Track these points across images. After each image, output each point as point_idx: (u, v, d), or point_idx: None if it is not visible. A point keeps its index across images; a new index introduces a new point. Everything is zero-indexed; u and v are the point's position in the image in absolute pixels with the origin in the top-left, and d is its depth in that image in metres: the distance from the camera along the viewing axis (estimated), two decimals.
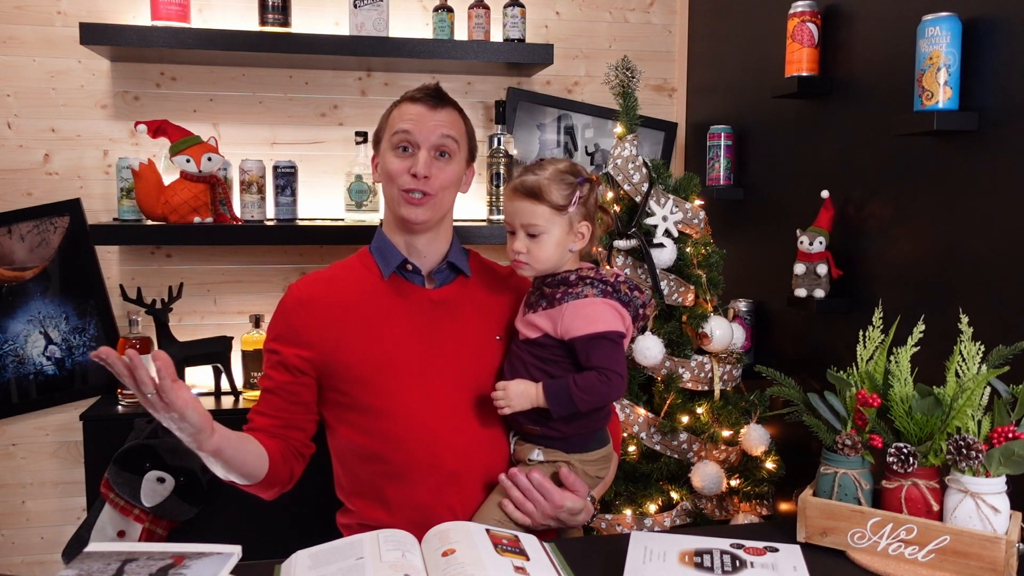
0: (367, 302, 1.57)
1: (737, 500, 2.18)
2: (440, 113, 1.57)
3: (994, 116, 1.68)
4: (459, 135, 1.59)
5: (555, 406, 1.45)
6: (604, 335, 1.45)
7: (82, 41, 2.34)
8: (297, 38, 2.47)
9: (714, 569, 1.23)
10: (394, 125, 1.57)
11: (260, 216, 2.57)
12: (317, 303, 1.57)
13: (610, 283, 1.49)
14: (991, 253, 1.70)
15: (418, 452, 1.51)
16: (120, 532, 2.35)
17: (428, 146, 1.55)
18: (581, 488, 1.50)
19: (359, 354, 1.54)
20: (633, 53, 2.77)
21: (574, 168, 1.52)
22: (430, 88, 1.60)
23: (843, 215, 2.11)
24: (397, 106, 1.60)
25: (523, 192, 1.48)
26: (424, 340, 1.56)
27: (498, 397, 1.47)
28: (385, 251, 1.61)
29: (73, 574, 1.11)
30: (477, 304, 1.62)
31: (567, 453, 1.51)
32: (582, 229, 1.51)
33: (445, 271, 1.63)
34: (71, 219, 2.58)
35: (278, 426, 1.57)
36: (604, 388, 1.44)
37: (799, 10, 2.14)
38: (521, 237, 1.49)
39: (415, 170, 1.53)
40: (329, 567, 1.19)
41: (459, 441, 1.52)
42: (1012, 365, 1.38)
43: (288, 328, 1.57)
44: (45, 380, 2.61)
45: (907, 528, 1.30)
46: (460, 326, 1.59)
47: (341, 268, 1.64)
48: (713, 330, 2.13)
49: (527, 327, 1.52)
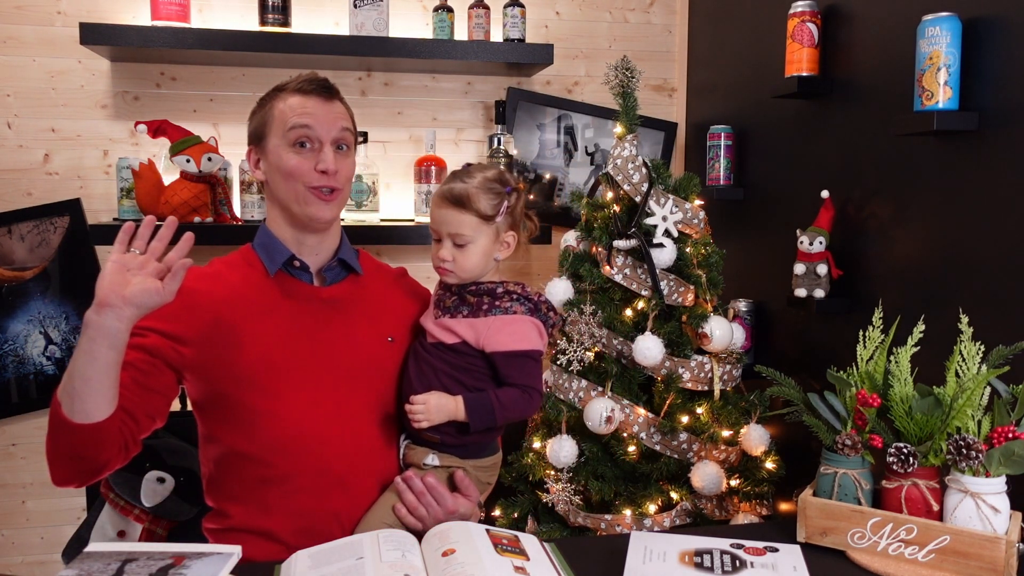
0: (252, 299, 1.49)
1: (737, 500, 2.17)
2: (335, 104, 1.53)
3: (994, 116, 1.68)
4: (352, 128, 1.55)
5: (475, 420, 1.45)
6: (529, 353, 1.46)
7: (82, 41, 2.35)
8: (297, 38, 2.47)
9: (714, 569, 1.23)
10: (287, 119, 1.48)
11: (260, 216, 2.57)
12: (199, 297, 1.47)
13: (534, 301, 1.50)
14: (991, 253, 1.70)
15: (304, 456, 1.45)
16: (120, 532, 2.34)
17: (330, 140, 1.49)
18: (474, 493, 1.50)
19: (244, 353, 1.45)
20: (633, 53, 2.77)
21: (502, 177, 1.50)
22: (318, 79, 1.53)
23: (843, 215, 2.11)
24: (281, 98, 1.51)
25: (450, 200, 1.47)
26: (313, 340, 1.50)
27: (416, 411, 1.43)
28: (270, 247, 1.53)
29: (73, 574, 1.11)
30: (368, 304, 1.57)
31: (462, 459, 1.50)
32: (508, 239, 1.51)
33: (336, 268, 1.57)
34: (71, 219, 2.58)
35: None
36: (524, 404, 1.46)
37: (799, 10, 2.14)
38: (447, 246, 1.48)
39: (323, 166, 1.47)
40: (329, 567, 1.19)
41: (347, 445, 1.47)
42: (1012, 365, 1.38)
43: (164, 319, 1.42)
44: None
45: (907, 528, 1.30)
46: (351, 326, 1.53)
47: (223, 264, 1.56)
48: (713, 330, 2.13)
49: (442, 331, 1.50)
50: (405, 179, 2.79)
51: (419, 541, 1.29)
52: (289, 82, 1.54)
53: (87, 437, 1.30)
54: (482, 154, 2.81)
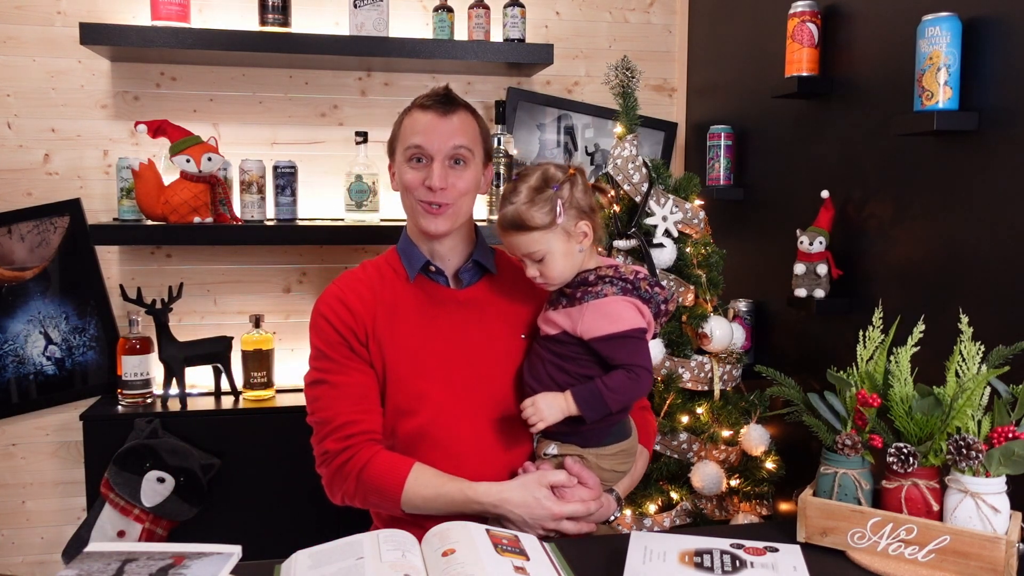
0: (398, 302, 1.58)
1: (737, 500, 2.18)
2: (452, 120, 1.55)
3: (994, 116, 1.68)
4: (472, 142, 1.57)
5: (588, 411, 1.45)
6: (627, 334, 1.45)
7: (82, 41, 2.35)
8: (297, 38, 2.47)
9: (714, 569, 1.23)
10: (406, 136, 1.56)
11: (260, 216, 2.57)
12: (358, 306, 1.57)
13: (630, 280, 1.48)
14: (991, 253, 1.70)
15: (439, 451, 1.52)
16: (120, 532, 2.35)
17: (441, 157, 1.54)
18: (589, 479, 1.49)
19: (389, 356, 1.55)
20: (633, 53, 2.77)
21: (546, 177, 1.48)
22: (440, 94, 1.58)
23: (843, 215, 2.11)
24: (408, 114, 1.59)
25: (508, 226, 1.48)
26: (450, 341, 1.57)
27: (528, 415, 1.46)
28: (409, 254, 1.61)
29: (73, 574, 1.11)
30: (503, 303, 1.62)
31: (583, 447, 1.51)
32: (583, 228, 1.49)
33: (472, 270, 1.63)
34: (71, 219, 2.58)
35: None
36: (634, 385, 1.45)
37: (799, 10, 2.14)
38: (530, 264, 1.50)
39: (430, 182, 1.53)
40: (329, 567, 1.19)
41: (482, 440, 1.53)
42: (1012, 365, 1.38)
43: (348, 329, 1.56)
44: (45, 380, 2.61)
45: (907, 528, 1.30)
46: (486, 326, 1.59)
47: (373, 268, 1.64)
48: (713, 330, 2.13)
49: (547, 324, 1.53)
50: None
51: (419, 541, 1.29)
52: (419, 96, 1.60)
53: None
54: None
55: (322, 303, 1.58)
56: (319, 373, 1.56)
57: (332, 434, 1.52)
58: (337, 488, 1.54)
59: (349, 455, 1.51)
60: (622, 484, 1.59)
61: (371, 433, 1.53)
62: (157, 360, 2.54)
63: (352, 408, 1.53)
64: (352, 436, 1.51)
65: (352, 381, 1.54)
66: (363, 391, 1.54)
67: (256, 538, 1.59)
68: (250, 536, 1.55)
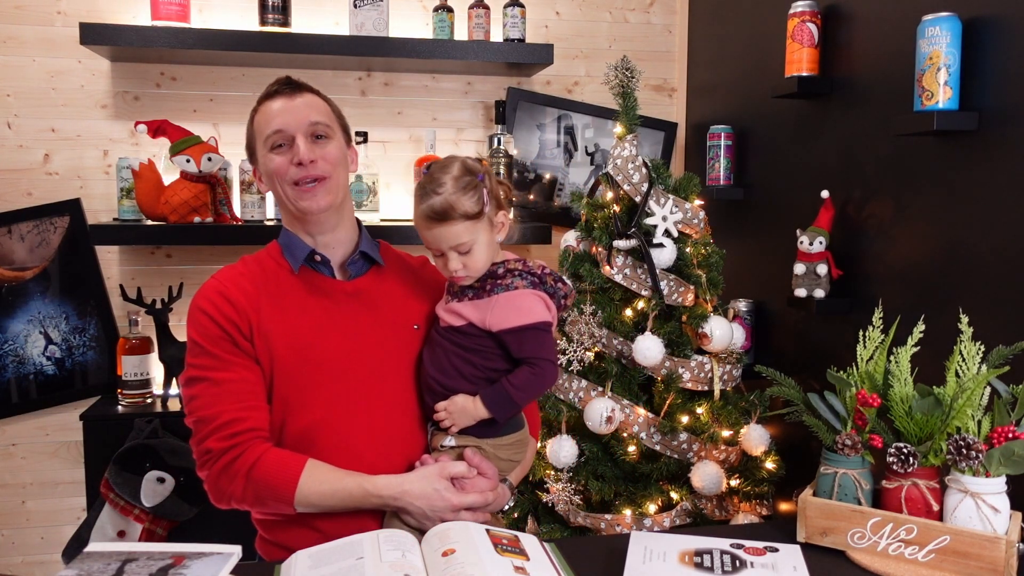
0: (283, 294, 1.53)
1: (737, 500, 2.17)
2: (301, 98, 1.54)
3: (994, 116, 1.68)
4: (327, 118, 1.55)
5: (498, 412, 1.47)
6: (535, 326, 1.46)
7: (82, 41, 2.35)
8: (297, 38, 2.47)
9: (714, 569, 1.23)
10: (262, 128, 1.53)
11: (260, 216, 2.57)
12: (240, 299, 1.51)
13: (537, 275, 1.49)
14: (991, 253, 1.70)
15: (333, 445, 1.48)
16: (120, 532, 2.35)
17: (302, 133, 1.51)
18: (489, 469, 1.49)
19: (277, 350, 1.49)
20: (633, 53, 2.77)
21: (467, 167, 1.47)
22: (282, 79, 1.57)
23: (843, 215, 2.11)
24: (257, 110, 1.56)
25: (435, 217, 1.44)
26: (340, 333, 1.52)
27: (442, 419, 1.48)
28: (291, 246, 1.56)
29: (73, 574, 1.11)
30: (393, 294, 1.60)
31: (479, 439, 1.51)
32: (501, 219, 1.50)
33: (359, 262, 1.59)
34: (71, 219, 2.58)
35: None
36: (539, 380, 1.47)
37: (799, 10, 2.14)
38: (453, 257, 1.46)
39: (298, 158, 1.49)
40: (329, 567, 1.19)
41: (376, 433, 1.50)
42: (1012, 365, 1.38)
43: (231, 323, 1.49)
44: (45, 380, 2.61)
45: (907, 528, 1.30)
46: (376, 318, 1.56)
47: (254, 262, 1.58)
48: (713, 330, 2.13)
49: (450, 315, 1.51)
50: (405, 179, 2.79)
51: (419, 541, 1.30)
52: (263, 91, 1.58)
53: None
54: (482, 154, 2.81)
55: (201, 297, 1.51)
56: (198, 371, 1.47)
57: (215, 433, 1.43)
58: (224, 490, 1.45)
59: (236, 454, 1.43)
60: (514, 473, 1.59)
61: (258, 431, 1.45)
62: (157, 360, 2.55)
63: (236, 406, 1.45)
64: (238, 434, 1.43)
65: (235, 377, 1.46)
66: (247, 387, 1.46)
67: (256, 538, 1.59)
68: (250, 536, 1.55)
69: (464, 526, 1.31)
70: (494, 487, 1.50)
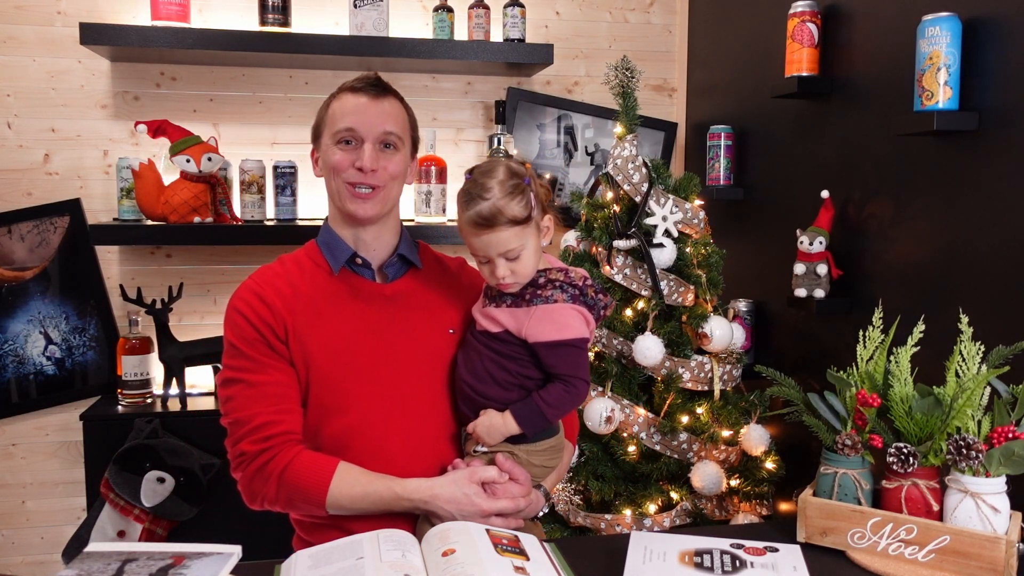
0: (320, 297, 1.52)
1: (737, 500, 2.17)
2: (383, 103, 1.54)
3: (994, 116, 1.68)
4: (402, 129, 1.55)
5: (529, 427, 1.44)
6: (571, 342, 1.43)
7: (82, 41, 2.35)
8: (297, 38, 2.47)
9: (714, 569, 1.23)
10: (336, 119, 1.52)
11: (260, 216, 2.57)
12: (276, 302, 1.50)
13: (578, 287, 1.46)
14: (991, 253, 1.70)
15: (369, 449, 1.47)
16: (120, 532, 2.35)
17: (372, 139, 1.51)
18: (521, 475, 1.47)
19: (313, 353, 1.49)
20: (633, 53, 2.77)
21: (512, 170, 1.44)
22: (371, 78, 1.56)
23: (843, 215, 2.11)
24: (336, 98, 1.55)
25: (483, 224, 1.41)
26: (376, 336, 1.52)
27: (477, 437, 1.47)
28: (333, 245, 1.56)
29: (73, 574, 1.11)
30: (430, 298, 1.59)
31: (514, 444, 1.49)
32: (547, 223, 1.48)
33: (396, 264, 1.58)
34: (71, 219, 2.58)
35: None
36: (571, 398, 1.44)
37: (799, 10, 2.14)
38: (501, 264, 1.43)
39: (360, 163, 1.49)
40: (329, 567, 1.19)
41: (410, 436, 1.49)
42: (1012, 365, 1.38)
43: (260, 324, 1.49)
44: (45, 380, 2.61)
45: (907, 528, 1.30)
46: (413, 321, 1.55)
47: (292, 262, 1.58)
48: (713, 330, 2.13)
49: (487, 320, 1.49)
50: None
51: (419, 541, 1.30)
52: (348, 81, 1.57)
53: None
54: (482, 154, 2.81)
55: (237, 299, 1.51)
56: (234, 372, 1.48)
57: (249, 435, 1.44)
58: (257, 492, 1.46)
59: (269, 456, 1.43)
60: (549, 479, 1.57)
61: (292, 434, 1.46)
62: (157, 360, 2.54)
63: (270, 408, 1.45)
64: (272, 437, 1.44)
65: (270, 380, 1.47)
66: (282, 390, 1.47)
67: (256, 538, 1.58)
68: (250, 536, 1.55)
69: (464, 526, 1.31)
70: (527, 493, 1.47)
